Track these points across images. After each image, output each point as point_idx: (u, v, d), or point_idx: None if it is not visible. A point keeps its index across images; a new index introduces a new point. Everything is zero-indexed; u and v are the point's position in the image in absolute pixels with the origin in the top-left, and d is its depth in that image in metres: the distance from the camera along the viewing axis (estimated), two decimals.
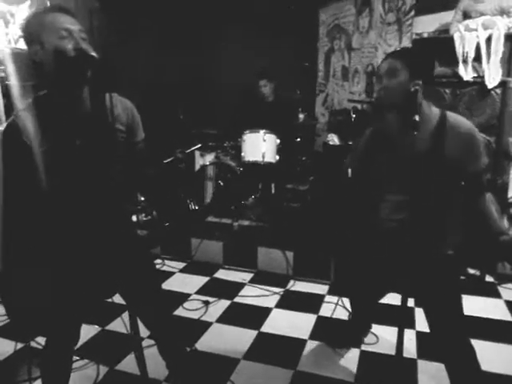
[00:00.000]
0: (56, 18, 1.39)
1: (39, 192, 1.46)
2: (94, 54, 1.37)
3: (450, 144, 1.72)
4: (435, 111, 1.79)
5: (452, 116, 1.77)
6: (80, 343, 2.34)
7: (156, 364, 1.92)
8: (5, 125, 1.48)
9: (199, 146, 4.66)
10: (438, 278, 1.84)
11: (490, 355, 2.34)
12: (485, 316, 2.80)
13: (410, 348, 2.44)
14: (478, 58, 3.14)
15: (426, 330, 2.56)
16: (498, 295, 3.09)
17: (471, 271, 3.34)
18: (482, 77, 3.15)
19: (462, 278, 3.29)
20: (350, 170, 2.10)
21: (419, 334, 2.57)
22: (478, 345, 2.42)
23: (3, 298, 1.51)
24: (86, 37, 1.44)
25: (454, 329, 1.84)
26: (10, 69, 3.35)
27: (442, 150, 1.71)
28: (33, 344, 2.37)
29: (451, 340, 1.84)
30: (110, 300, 2.87)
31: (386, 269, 1.96)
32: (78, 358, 2.29)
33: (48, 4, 3.91)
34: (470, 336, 1.89)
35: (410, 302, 2.88)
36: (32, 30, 1.41)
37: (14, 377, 2.18)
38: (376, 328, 2.61)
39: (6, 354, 2.37)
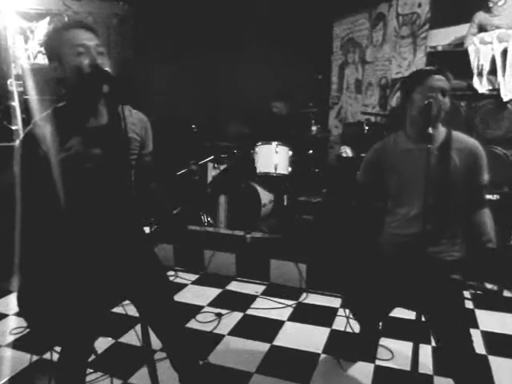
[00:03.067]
0: (74, 34, 1.43)
1: (55, 200, 1.49)
2: (108, 69, 1.41)
3: (455, 158, 1.82)
4: (442, 129, 1.88)
5: (457, 134, 1.88)
6: (93, 356, 2.36)
7: (168, 377, 1.92)
8: (23, 134, 1.52)
9: (212, 157, 4.70)
10: (444, 290, 1.85)
11: (508, 372, 2.29)
12: (503, 332, 2.74)
13: (427, 364, 2.39)
14: (493, 71, 3.13)
15: None
16: None
17: (489, 286, 3.28)
18: (498, 89, 3.13)
19: (480, 292, 3.23)
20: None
21: (436, 350, 2.52)
22: (495, 362, 2.39)
23: (22, 307, 1.53)
24: (104, 51, 1.47)
25: (460, 343, 1.82)
26: (29, 84, 3.43)
27: (448, 163, 1.81)
28: (52, 356, 2.38)
29: (458, 354, 1.82)
30: (123, 312, 2.90)
31: (394, 283, 1.96)
32: (91, 370, 2.29)
33: (66, 20, 4.01)
34: (487, 352, 1.85)
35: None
36: (51, 47, 1.46)
37: None
38: (391, 343, 2.57)
39: (22, 366, 2.38)
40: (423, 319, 1.62)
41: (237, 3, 5.28)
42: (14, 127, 3.66)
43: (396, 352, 2.51)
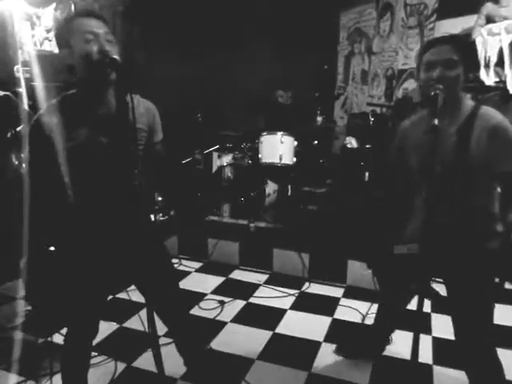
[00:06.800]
0: (83, 22, 1.45)
1: (63, 186, 1.51)
2: (116, 56, 1.41)
3: (478, 139, 1.58)
4: (468, 103, 1.67)
5: (484, 109, 1.63)
6: (98, 339, 2.40)
7: (172, 362, 1.95)
8: (32, 120, 1.53)
9: (217, 146, 4.71)
10: (476, 277, 1.75)
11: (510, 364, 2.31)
12: (504, 324, 2.76)
13: (426, 354, 2.42)
14: (500, 63, 3.10)
15: (443, 336, 2.57)
16: None
17: None
18: (505, 81, 3.11)
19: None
20: (367, 174, 2.08)
21: (435, 340, 2.55)
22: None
23: (28, 288, 1.56)
24: (113, 39, 1.49)
25: (482, 336, 1.78)
26: (36, 70, 3.44)
27: (466, 146, 1.58)
28: (54, 339, 2.43)
29: (478, 348, 1.78)
30: (127, 298, 2.94)
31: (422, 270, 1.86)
32: (96, 354, 2.33)
33: (72, 7, 4.00)
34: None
35: (426, 308, 2.87)
36: (62, 35, 1.48)
37: (36, 371, 2.22)
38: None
39: (28, 348, 2.43)
40: (425, 310, 1.59)
41: None
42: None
43: (396, 341, 2.53)
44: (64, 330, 1.77)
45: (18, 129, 2.97)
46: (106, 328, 2.63)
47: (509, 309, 2.96)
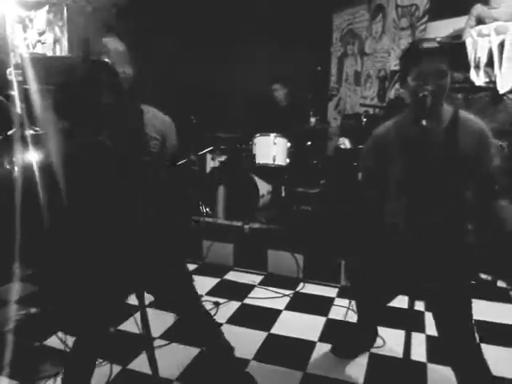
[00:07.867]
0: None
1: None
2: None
3: (463, 140, 1.70)
4: (447, 108, 1.77)
5: (464, 114, 1.76)
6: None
7: (167, 364, 1.96)
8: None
9: (211, 148, 4.71)
10: (453, 276, 1.79)
11: (502, 361, 2.33)
12: (497, 321, 2.79)
13: (420, 352, 2.44)
14: (490, 64, 3.14)
15: (436, 334, 2.59)
16: (509, 300, 3.07)
17: (483, 276, 3.31)
18: (495, 82, 3.14)
19: (474, 282, 3.27)
20: (360, 174, 2.10)
21: (429, 338, 2.57)
22: (489, 350, 2.43)
23: (41, 289, 1.57)
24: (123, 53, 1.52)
25: (463, 332, 1.82)
26: (28, 73, 3.43)
27: (455, 145, 1.69)
28: (51, 343, 2.43)
29: (460, 344, 1.82)
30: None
31: (401, 269, 1.91)
32: None
33: (65, 10, 4.00)
34: (481, 341, 1.88)
35: (420, 306, 2.89)
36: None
37: (30, 375, 2.22)
38: (383, 331, 2.61)
39: (23, 352, 2.42)
40: (418, 308, 1.63)
41: None
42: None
43: (388, 340, 2.55)
44: (60, 333, 1.78)
45: (10, 132, 2.96)
46: None
47: (502, 306, 2.99)
